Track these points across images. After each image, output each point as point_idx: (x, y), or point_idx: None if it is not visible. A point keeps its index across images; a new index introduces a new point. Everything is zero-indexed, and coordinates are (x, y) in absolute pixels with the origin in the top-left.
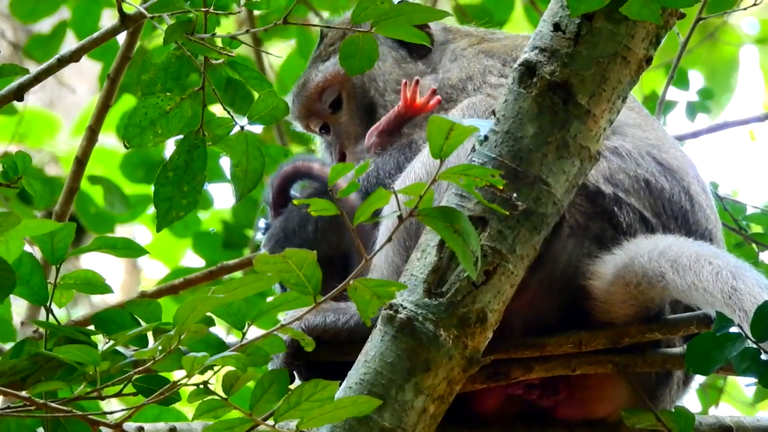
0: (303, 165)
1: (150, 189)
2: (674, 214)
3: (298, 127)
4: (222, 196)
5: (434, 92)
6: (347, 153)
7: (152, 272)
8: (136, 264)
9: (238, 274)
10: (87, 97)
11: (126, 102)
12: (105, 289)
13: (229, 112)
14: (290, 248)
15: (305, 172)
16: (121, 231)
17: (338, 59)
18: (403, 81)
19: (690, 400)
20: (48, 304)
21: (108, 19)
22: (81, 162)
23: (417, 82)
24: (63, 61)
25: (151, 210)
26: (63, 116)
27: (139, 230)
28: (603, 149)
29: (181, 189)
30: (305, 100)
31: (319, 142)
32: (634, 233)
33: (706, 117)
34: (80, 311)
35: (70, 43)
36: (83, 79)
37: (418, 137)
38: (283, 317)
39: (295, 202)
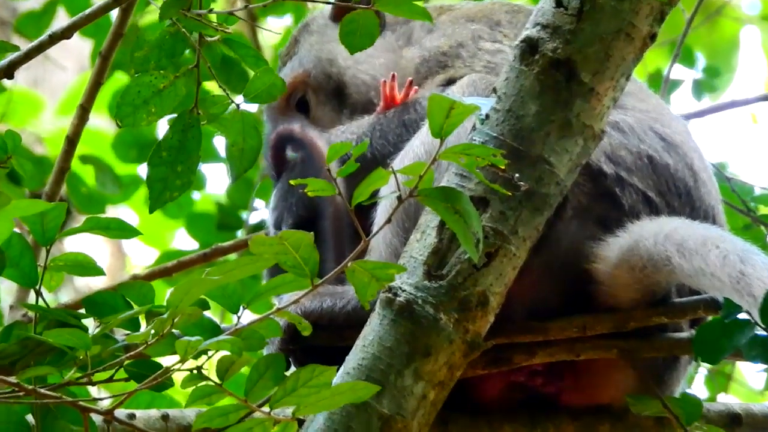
0: (284, 130)
1: (141, 170)
2: (678, 191)
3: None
4: (216, 176)
5: (411, 83)
6: (332, 136)
7: (138, 258)
8: (121, 248)
9: (232, 256)
10: (73, 75)
11: (118, 80)
12: (97, 271)
13: (224, 90)
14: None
15: (287, 136)
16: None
17: (299, 58)
18: (381, 80)
19: (698, 387)
20: (38, 287)
21: None
22: (72, 141)
23: (394, 77)
24: (55, 38)
25: (143, 191)
26: (47, 96)
27: (124, 213)
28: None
29: (175, 169)
30: (276, 109)
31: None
32: (637, 214)
33: (708, 98)
34: (64, 296)
35: (62, 19)
36: (69, 57)
37: (422, 98)
38: (278, 301)
39: (291, 182)
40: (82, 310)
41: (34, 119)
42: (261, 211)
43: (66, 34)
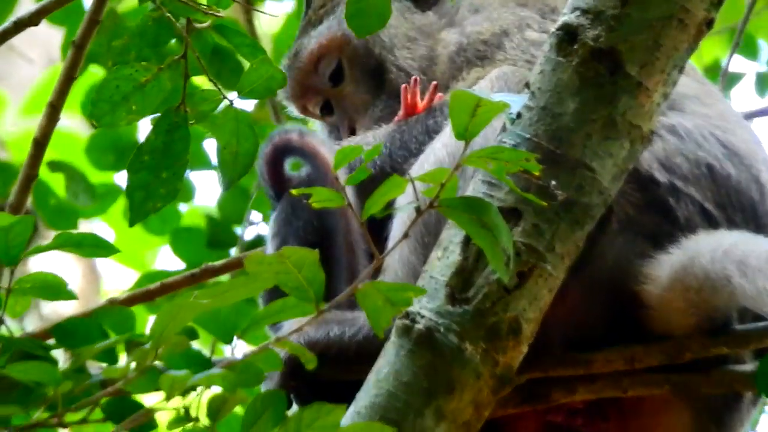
0: (280, 140)
1: (119, 178)
2: (741, 205)
3: (293, 110)
4: (205, 185)
5: (436, 88)
6: (358, 128)
7: (115, 280)
8: (94, 269)
9: (225, 277)
10: (41, 69)
11: (93, 75)
12: (68, 294)
13: (215, 85)
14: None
15: (285, 146)
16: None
17: (338, 19)
18: (402, 86)
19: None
20: (0, 313)
21: None
22: (40, 144)
23: (416, 82)
24: (20, 25)
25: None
26: (10, 92)
27: (99, 228)
28: (658, 127)
29: (159, 176)
30: (299, 74)
31: (319, 128)
32: (693, 228)
33: None
34: (29, 324)
35: (27, 4)
36: (36, 48)
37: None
38: (276, 330)
39: (293, 192)
40: (51, 340)
41: None
42: (258, 226)
43: (33, 20)
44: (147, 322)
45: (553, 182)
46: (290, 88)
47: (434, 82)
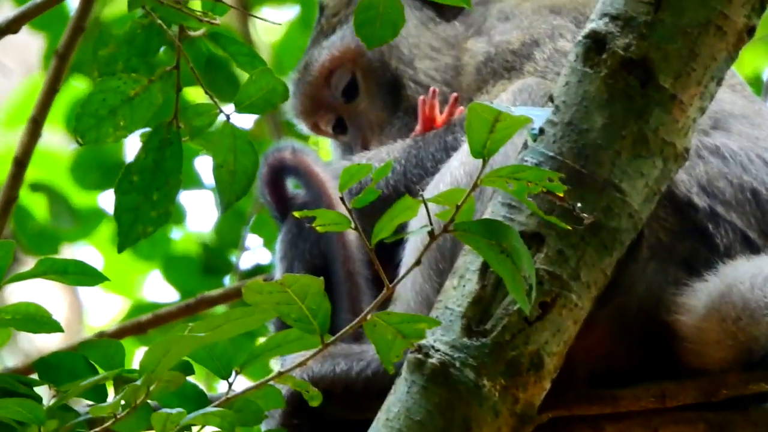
0: (274, 159)
1: (104, 199)
2: None
3: (303, 127)
4: (199, 207)
5: (456, 100)
6: (373, 148)
7: (100, 310)
8: (77, 298)
9: (221, 308)
10: (18, 79)
11: (76, 87)
12: (52, 326)
13: (211, 98)
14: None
15: (280, 165)
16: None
17: (351, 29)
18: (420, 98)
19: None
20: None
21: None
22: (21, 163)
23: (434, 94)
24: None
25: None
26: None
27: (84, 253)
28: (700, 148)
29: (150, 197)
30: (309, 88)
31: (332, 147)
32: (732, 255)
33: None
34: (8, 358)
35: (6, 9)
36: (13, 57)
37: None
38: (279, 363)
39: (295, 214)
40: (34, 375)
41: None
42: (256, 252)
43: (12, 27)
44: (137, 356)
45: (579, 204)
46: (300, 103)
47: (454, 94)
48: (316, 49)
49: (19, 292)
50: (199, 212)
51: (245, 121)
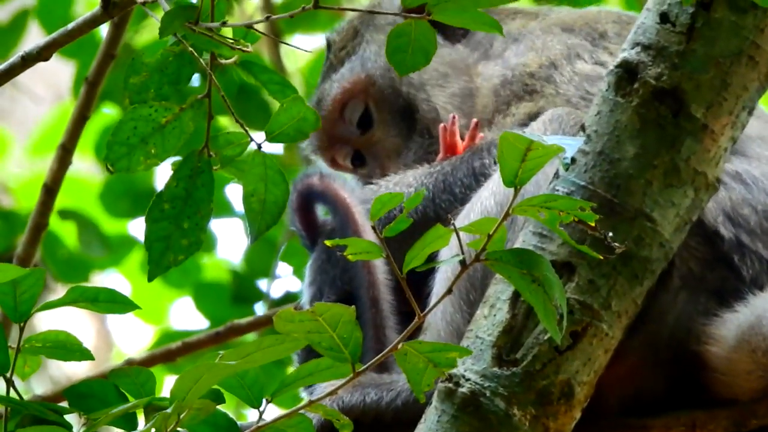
0: (303, 185)
1: (135, 227)
2: None
3: (321, 162)
4: (229, 236)
5: (477, 126)
6: (380, 189)
7: (128, 337)
8: (105, 325)
9: (251, 336)
10: (48, 106)
11: (106, 114)
12: (83, 354)
13: (242, 126)
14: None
15: (308, 192)
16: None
17: (360, 60)
18: (440, 125)
19: None
20: (9, 374)
21: (81, 6)
22: (51, 191)
23: (454, 120)
24: (29, 60)
25: (137, 254)
26: (15, 131)
27: (113, 281)
28: (723, 175)
29: (181, 225)
30: (324, 123)
31: (351, 180)
32: (761, 285)
33: None
34: (37, 386)
35: (34, 36)
36: (43, 84)
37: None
38: (309, 392)
39: (327, 243)
40: (64, 403)
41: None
42: (286, 280)
43: (43, 54)
44: (168, 384)
45: (610, 234)
46: (316, 139)
47: (475, 120)
48: (326, 84)
49: (48, 320)
50: (229, 239)
51: (275, 147)
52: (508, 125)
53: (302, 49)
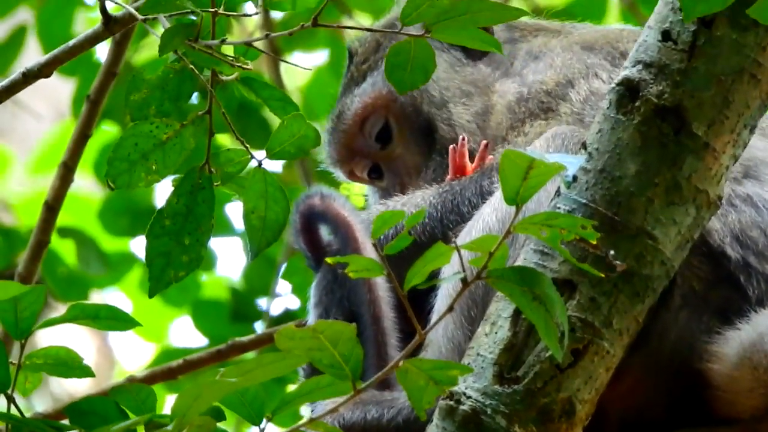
0: (305, 206)
1: (135, 244)
2: None
3: (340, 175)
4: (228, 253)
5: (487, 147)
6: (410, 190)
7: (128, 354)
8: (107, 343)
9: (252, 354)
10: (49, 124)
11: (106, 131)
12: (84, 371)
13: (243, 143)
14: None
15: (310, 213)
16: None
17: (382, 75)
18: (450, 147)
19: None
20: (10, 391)
21: (81, 23)
22: (52, 208)
23: (464, 142)
24: (30, 77)
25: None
26: (16, 149)
27: (113, 298)
28: (733, 197)
29: (181, 242)
30: (344, 137)
31: (369, 192)
32: (765, 305)
33: None
34: (38, 403)
35: (32, 52)
36: (43, 101)
37: None
38: (309, 409)
39: (328, 260)
40: (65, 421)
41: (0, 179)
42: (286, 298)
43: (44, 71)
44: (169, 401)
45: (612, 251)
46: (335, 152)
47: (484, 142)
48: (348, 98)
49: (48, 336)
50: (228, 258)
51: (275, 165)
52: (521, 144)
53: (302, 66)
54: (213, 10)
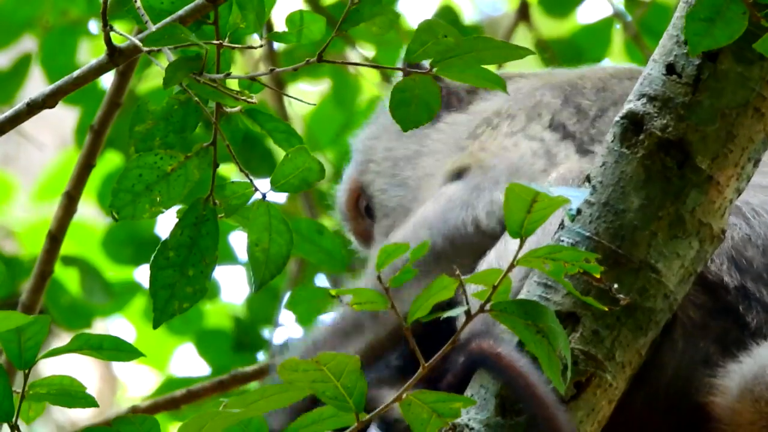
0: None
1: (138, 274)
2: None
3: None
4: (232, 283)
5: None
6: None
7: (131, 383)
8: (111, 371)
9: (254, 384)
10: (52, 153)
11: (110, 161)
12: (87, 400)
13: (247, 176)
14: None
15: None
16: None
17: (353, 162)
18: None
19: None
20: (14, 420)
21: (86, 53)
22: (55, 238)
23: None
24: (34, 107)
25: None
26: (20, 177)
27: (116, 327)
28: None
29: (186, 273)
30: (347, 217)
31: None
32: (766, 335)
33: None
34: (41, 430)
35: (35, 82)
36: (47, 130)
37: None
38: None
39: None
40: None
41: (4, 207)
42: (288, 328)
43: (49, 102)
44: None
45: (615, 285)
46: (355, 232)
47: None
48: (341, 186)
49: (52, 364)
50: (232, 285)
51: (279, 196)
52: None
53: (306, 102)
54: (218, 42)
